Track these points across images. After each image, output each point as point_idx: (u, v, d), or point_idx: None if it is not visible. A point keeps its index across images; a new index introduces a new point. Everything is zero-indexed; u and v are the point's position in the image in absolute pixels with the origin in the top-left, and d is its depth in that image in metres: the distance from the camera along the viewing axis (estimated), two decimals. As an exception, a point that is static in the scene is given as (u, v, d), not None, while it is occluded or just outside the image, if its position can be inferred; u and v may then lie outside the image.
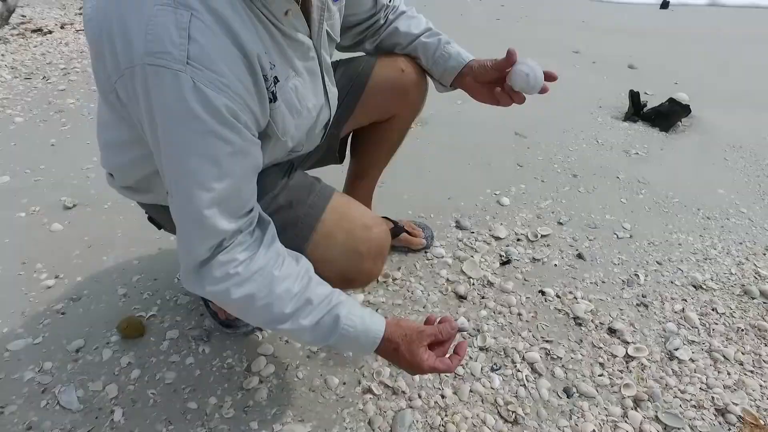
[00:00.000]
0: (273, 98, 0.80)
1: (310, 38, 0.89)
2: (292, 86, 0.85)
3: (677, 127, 2.64)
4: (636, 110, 2.68)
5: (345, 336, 0.84)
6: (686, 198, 2.03)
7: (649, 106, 2.71)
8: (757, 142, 2.58)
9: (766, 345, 1.43)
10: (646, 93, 2.93)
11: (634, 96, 2.68)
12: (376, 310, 1.42)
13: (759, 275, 1.66)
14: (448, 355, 0.91)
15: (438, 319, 0.92)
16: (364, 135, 1.37)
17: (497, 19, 4.56)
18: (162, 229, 1.16)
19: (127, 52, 0.67)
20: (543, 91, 1.05)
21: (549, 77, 1.04)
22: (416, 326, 0.89)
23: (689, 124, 2.68)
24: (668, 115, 2.61)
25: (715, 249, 1.77)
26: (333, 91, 1.02)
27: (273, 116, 0.82)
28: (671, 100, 2.64)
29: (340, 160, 1.36)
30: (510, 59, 1.05)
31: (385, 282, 1.52)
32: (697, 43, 4.35)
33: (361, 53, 1.28)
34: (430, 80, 1.30)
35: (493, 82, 1.13)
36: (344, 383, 1.22)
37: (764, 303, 1.56)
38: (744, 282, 1.63)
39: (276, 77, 0.80)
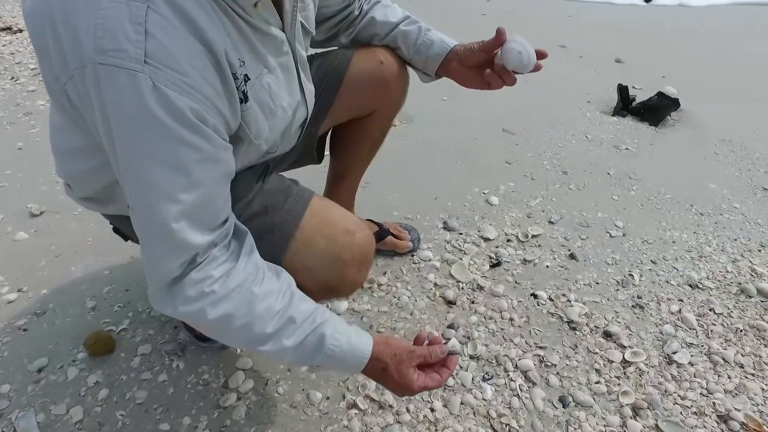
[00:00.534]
0: (244, 98, 0.74)
1: (283, 31, 0.82)
2: (265, 84, 0.79)
3: (666, 122, 2.59)
4: (625, 105, 2.63)
5: (330, 356, 0.79)
6: (678, 194, 1.99)
7: (638, 100, 2.66)
8: (747, 135, 2.54)
9: (765, 346, 1.38)
10: (634, 87, 2.89)
11: (622, 90, 2.63)
12: (361, 318, 1.36)
13: (755, 273, 1.61)
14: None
15: (428, 340, 0.90)
16: (344, 132, 1.30)
17: (483, 14, 4.49)
18: (129, 241, 1.08)
19: (76, 50, 0.60)
20: (536, 69, 0.99)
21: (540, 55, 0.99)
22: (406, 346, 0.86)
23: (678, 118, 2.64)
24: (657, 109, 2.56)
25: (709, 246, 1.72)
26: (309, 88, 0.96)
27: (245, 118, 0.76)
28: (660, 94, 2.60)
29: (319, 160, 1.29)
30: (500, 38, 0.99)
31: (369, 288, 1.44)
32: (682, 38, 4.33)
33: (335, 47, 1.22)
34: (412, 72, 1.24)
35: (481, 66, 1.07)
36: (328, 398, 1.15)
37: (762, 302, 1.51)
38: (740, 280, 1.58)
39: (246, 75, 0.73)
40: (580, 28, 4.40)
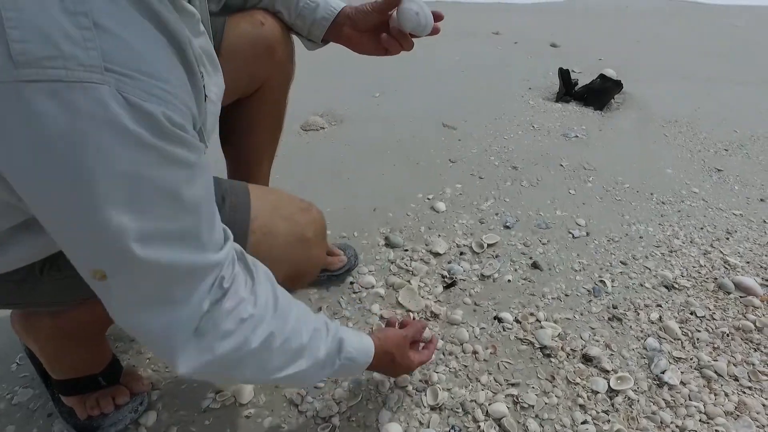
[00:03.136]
0: (206, 96, 0.61)
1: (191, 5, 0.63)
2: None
3: (611, 105, 2.47)
4: (568, 90, 2.48)
5: (349, 358, 0.77)
6: (637, 182, 1.83)
7: (580, 84, 2.52)
8: (690, 114, 2.46)
9: (755, 350, 1.22)
10: (573, 71, 2.76)
11: (564, 74, 2.48)
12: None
13: (728, 264, 1.47)
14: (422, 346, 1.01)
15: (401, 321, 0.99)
16: (234, 118, 1.09)
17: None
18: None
19: None
20: (434, 31, 0.90)
21: (436, 17, 0.89)
22: (399, 333, 0.92)
23: (622, 101, 2.52)
24: (601, 92, 2.43)
25: (677, 238, 1.56)
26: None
27: (204, 119, 0.62)
28: (602, 77, 2.47)
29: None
30: None
31: (302, 330, 1.17)
32: (609, 20, 4.30)
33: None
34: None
35: (376, 29, 0.95)
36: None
37: (741, 297, 1.36)
38: (716, 275, 1.43)
39: None
40: (511, 13, 4.29)
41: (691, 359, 1.18)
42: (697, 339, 1.23)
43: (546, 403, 1.06)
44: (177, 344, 0.59)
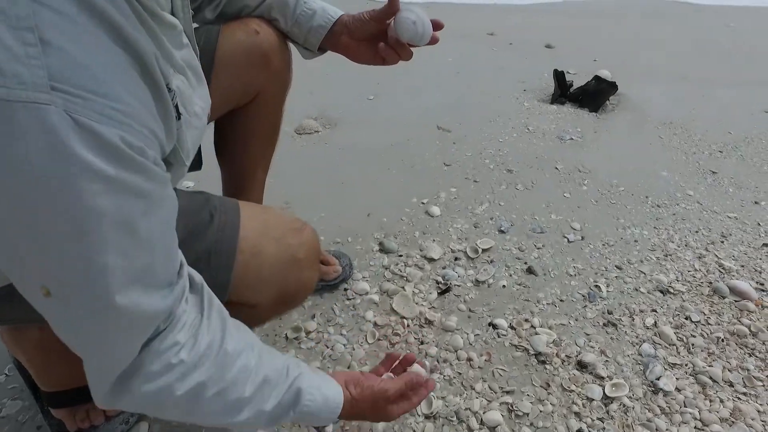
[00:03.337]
0: (177, 114, 0.56)
1: (173, 15, 0.61)
2: (174, 88, 0.58)
3: (606, 107, 2.46)
4: (563, 91, 2.48)
5: (305, 412, 0.69)
6: (631, 185, 1.83)
7: (575, 86, 2.51)
8: (684, 116, 2.46)
9: (750, 355, 1.22)
10: (568, 72, 2.75)
11: (559, 76, 2.47)
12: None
13: (723, 268, 1.47)
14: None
15: (400, 358, 0.87)
16: (229, 129, 1.08)
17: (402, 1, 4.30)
18: None
19: None
20: (433, 41, 0.88)
21: (436, 26, 0.87)
22: (381, 389, 0.78)
23: (617, 102, 2.52)
24: (596, 94, 2.42)
25: (672, 242, 1.56)
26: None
27: (179, 138, 0.58)
28: (597, 78, 2.47)
29: (200, 165, 1.02)
30: (392, 6, 0.86)
31: (296, 338, 1.17)
32: (604, 21, 4.30)
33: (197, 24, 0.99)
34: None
35: (373, 38, 0.93)
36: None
37: (736, 301, 1.36)
38: (710, 279, 1.43)
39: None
40: (506, 14, 4.28)
41: (686, 365, 1.18)
42: (692, 344, 1.23)
43: (541, 411, 1.06)
44: (104, 381, 0.55)
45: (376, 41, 0.91)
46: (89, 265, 0.45)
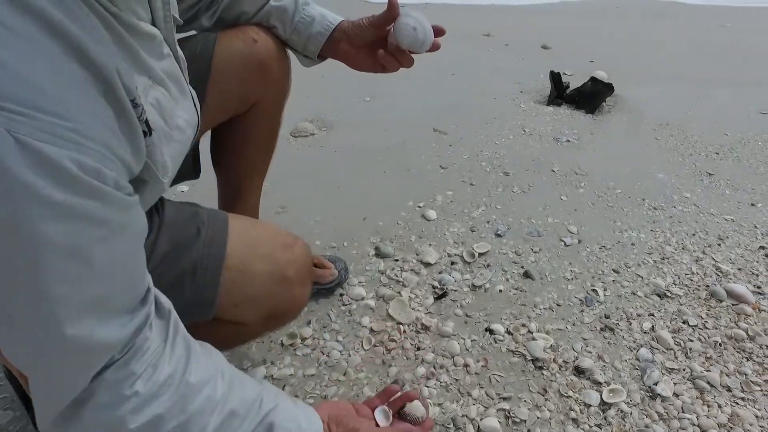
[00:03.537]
0: (148, 131, 0.53)
1: (154, 26, 0.58)
2: (153, 101, 0.57)
3: (602, 108, 2.46)
4: (559, 93, 2.48)
5: None
6: (628, 187, 1.83)
7: (571, 87, 2.51)
8: (681, 117, 2.46)
9: (747, 359, 1.21)
10: (565, 73, 2.75)
11: (555, 77, 2.47)
12: (283, 387, 1.07)
13: (720, 271, 1.46)
14: None
15: (400, 392, 0.85)
16: (226, 137, 1.06)
17: (402, 6, 4.29)
18: None
19: None
20: (434, 48, 0.85)
21: (437, 32, 0.85)
22: (366, 426, 0.74)
23: (613, 104, 2.52)
24: (592, 96, 2.42)
25: (669, 245, 1.55)
26: (193, 92, 0.72)
27: (150, 155, 0.55)
28: (593, 79, 2.47)
29: (197, 173, 1.01)
30: (392, 12, 0.84)
31: (291, 345, 1.16)
32: (599, 22, 4.30)
33: (194, 32, 0.97)
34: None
35: (373, 45, 0.91)
36: None
37: (733, 305, 1.35)
38: (708, 282, 1.42)
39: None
40: (502, 14, 4.28)
41: (683, 370, 1.18)
42: (690, 349, 1.23)
43: (538, 417, 1.05)
44: (51, 410, 0.51)
45: (375, 48, 0.88)
46: (35, 294, 0.43)
